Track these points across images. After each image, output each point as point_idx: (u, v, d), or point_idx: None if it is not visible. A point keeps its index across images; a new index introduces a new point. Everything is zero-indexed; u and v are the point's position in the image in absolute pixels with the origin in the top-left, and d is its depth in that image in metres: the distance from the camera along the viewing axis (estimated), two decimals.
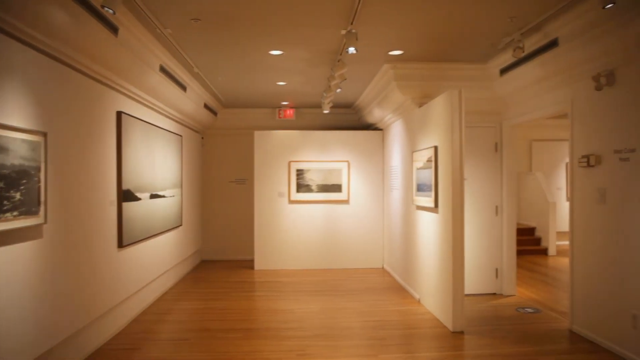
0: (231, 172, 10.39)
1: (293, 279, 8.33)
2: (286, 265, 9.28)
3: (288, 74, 7.13)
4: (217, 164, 10.37)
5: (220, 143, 10.38)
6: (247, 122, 10.24)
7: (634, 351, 4.38)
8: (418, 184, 6.63)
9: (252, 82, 7.67)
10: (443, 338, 5.18)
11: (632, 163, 4.41)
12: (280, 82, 7.72)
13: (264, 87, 8.04)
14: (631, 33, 4.11)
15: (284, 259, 9.29)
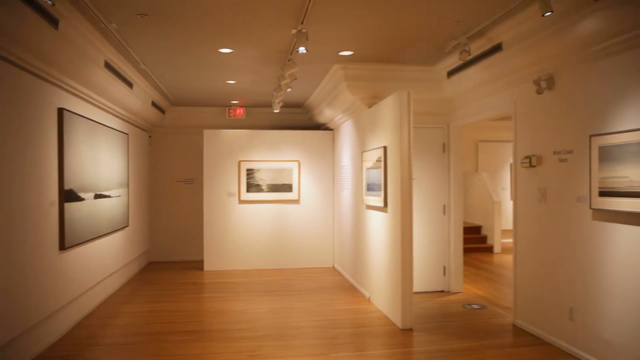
0: (180, 171, 10.19)
1: (243, 280, 8.25)
2: (236, 266, 9.18)
3: (238, 72, 7.06)
4: (165, 163, 10.14)
5: (169, 142, 10.16)
6: (197, 121, 10.07)
7: (571, 342, 4.58)
8: (368, 184, 6.70)
9: (202, 80, 7.54)
10: (392, 336, 5.25)
11: (570, 164, 4.61)
12: (230, 81, 7.62)
13: (213, 85, 7.93)
14: (568, 40, 4.28)
15: (234, 260, 9.19)
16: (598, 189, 4.19)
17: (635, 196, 3.79)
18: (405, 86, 6.41)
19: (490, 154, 12.61)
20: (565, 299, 4.68)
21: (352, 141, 7.87)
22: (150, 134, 9.92)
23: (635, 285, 3.85)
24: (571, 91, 4.59)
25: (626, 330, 3.94)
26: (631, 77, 3.88)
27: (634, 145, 3.80)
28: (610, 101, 4.10)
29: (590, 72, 4.34)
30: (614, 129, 4.04)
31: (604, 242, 4.19)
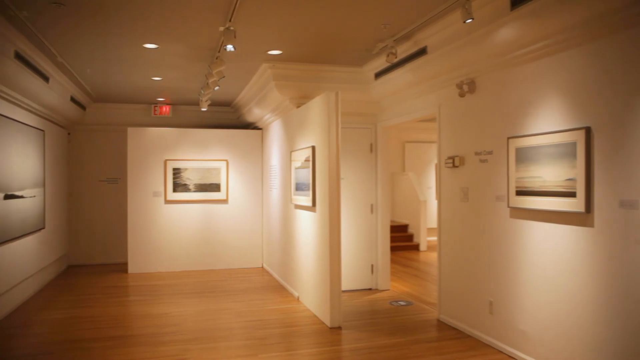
0: (103, 170, 9.75)
1: (170, 282, 8.02)
2: (163, 268, 8.91)
3: (164, 69, 6.84)
4: (87, 162, 9.66)
5: (91, 140, 9.69)
6: (120, 118, 9.67)
7: (491, 334, 4.80)
8: (296, 183, 6.70)
9: (125, 76, 7.25)
10: (321, 334, 5.28)
11: (490, 164, 4.82)
12: (155, 78, 7.38)
13: (138, 81, 7.64)
14: (487, 46, 4.48)
15: (160, 261, 8.91)
16: (515, 189, 4.40)
17: (548, 195, 4.02)
18: (333, 87, 6.47)
19: (417, 154, 12.97)
20: (485, 294, 4.89)
21: (281, 141, 7.84)
22: (69, 131, 9.43)
23: (548, 279, 4.08)
24: (491, 95, 4.80)
25: (540, 320, 4.17)
26: (544, 83, 4.11)
27: (546, 147, 4.03)
28: (526, 105, 4.32)
29: (507, 78, 4.55)
30: (529, 131, 4.27)
31: (520, 238, 4.41)
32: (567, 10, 3.60)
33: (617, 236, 3.45)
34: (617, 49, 3.45)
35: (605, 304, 3.55)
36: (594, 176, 3.63)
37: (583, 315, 3.74)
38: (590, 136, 3.65)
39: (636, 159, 3.30)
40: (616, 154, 3.46)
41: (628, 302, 3.37)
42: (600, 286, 3.59)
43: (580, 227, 3.76)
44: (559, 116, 3.95)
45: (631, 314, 3.35)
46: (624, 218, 3.39)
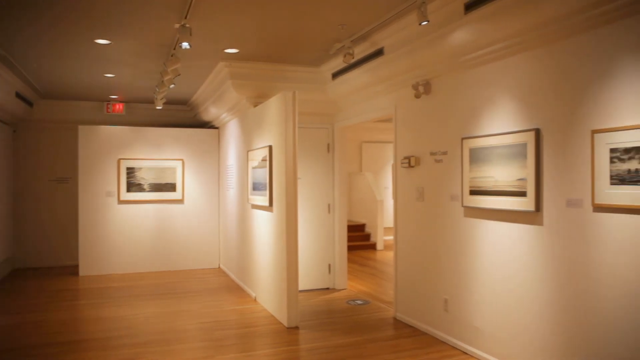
0: (52, 169, 9.41)
1: (124, 284, 7.82)
2: (116, 270, 8.68)
3: (117, 65, 6.66)
4: (34, 161, 9.30)
5: (39, 137, 9.33)
6: (71, 116, 9.36)
7: (446, 331, 4.89)
8: (254, 183, 6.65)
9: (76, 72, 7.01)
10: (278, 334, 5.26)
11: (444, 164, 4.91)
12: (108, 74, 7.18)
13: (89, 78, 7.41)
14: (442, 49, 4.56)
15: (113, 263, 8.68)
16: (469, 188, 4.50)
17: (500, 194, 4.13)
18: (291, 86, 6.45)
19: (374, 154, 13.11)
20: (440, 292, 4.98)
21: (238, 140, 7.77)
22: (14, 129, 9.06)
23: (501, 276, 4.19)
24: (446, 96, 4.89)
25: (493, 317, 4.28)
26: (497, 85, 4.22)
27: (499, 148, 4.14)
28: (480, 107, 4.42)
29: (462, 80, 4.65)
30: (482, 132, 4.37)
31: (474, 237, 4.52)
32: (517, 16, 3.71)
33: (564, 234, 3.58)
34: (564, 54, 3.58)
35: (554, 299, 3.68)
36: (543, 176, 3.76)
37: (534, 311, 3.86)
38: (540, 137, 3.77)
39: (581, 160, 3.43)
40: (563, 155, 3.58)
41: (575, 297, 3.50)
42: (549, 282, 3.71)
43: (531, 226, 3.88)
44: (511, 118, 4.07)
45: (578, 310, 3.48)
46: (571, 216, 3.52)
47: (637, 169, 3.02)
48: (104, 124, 9.18)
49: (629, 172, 3.07)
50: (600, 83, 3.30)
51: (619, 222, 3.17)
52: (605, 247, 3.26)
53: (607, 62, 3.26)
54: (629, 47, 3.11)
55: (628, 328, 3.12)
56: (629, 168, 3.08)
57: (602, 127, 3.27)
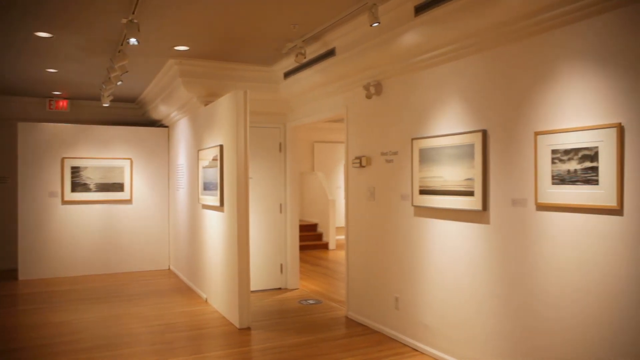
0: None
1: (68, 288, 7.53)
2: (60, 273, 8.36)
3: (60, 60, 6.40)
4: None
5: None
6: (9, 112, 8.93)
7: (397, 329, 4.97)
8: (204, 183, 6.56)
9: (14, 65, 6.69)
10: (230, 335, 5.20)
11: (395, 164, 4.98)
12: (50, 69, 6.89)
13: (29, 72, 7.10)
14: (393, 50, 4.63)
15: (57, 266, 8.35)
16: (419, 188, 4.59)
17: (449, 194, 4.23)
18: (242, 85, 6.41)
19: (326, 154, 13.17)
20: (391, 290, 5.05)
21: (188, 139, 7.64)
22: None
23: (450, 274, 4.29)
24: (396, 97, 4.97)
25: (442, 314, 4.38)
26: (446, 87, 4.32)
27: (447, 148, 4.24)
28: (429, 108, 4.51)
29: (412, 81, 4.74)
30: (431, 133, 4.46)
31: (424, 236, 4.60)
32: (464, 20, 3.80)
33: (510, 232, 3.70)
34: (509, 58, 3.70)
35: (500, 296, 3.80)
36: (490, 176, 3.87)
37: (481, 307, 3.97)
38: (487, 138, 3.89)
39: (525, 161, 3.55)
40: (508, 155, 3.71)
41: (520, 294, 3.62)
42: (495, 280, 3.83)
43: (478, 225, 3.99)
44: (459, 119, 4.17)
45: (523, 306, 3.60)
46: (516, 215, 3.65)
47: (576, 169, 3.16)
48: (47, 121, 8.81)
49: (569, 172, 3.21)
50: (542, 86, 3.43)
51: (560, 220, 3.30)
52: (548, 244, 3.40)
53: (549, 66, 3.39)
54: (569, 53, 3.25)
55: (570, 322, 3.25)
56: (568, 168, 3.21)
57: (544, 129, 3.40)
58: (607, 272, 3.01)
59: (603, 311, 3.04)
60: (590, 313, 3.12)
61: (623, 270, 2.93)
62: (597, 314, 3.07)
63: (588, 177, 3.10)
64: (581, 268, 3.17)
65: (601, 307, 3.05)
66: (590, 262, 3.11)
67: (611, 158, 2.97)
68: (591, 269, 3.10)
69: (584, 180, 3.12)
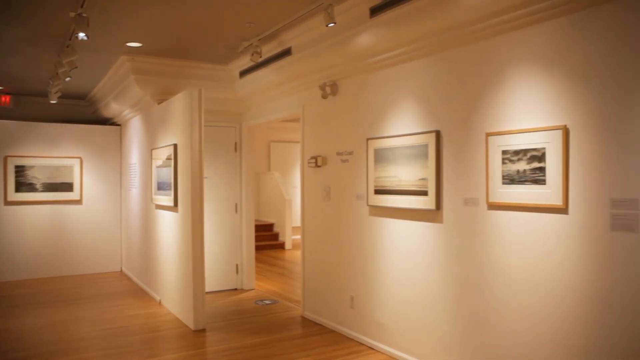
0: None
1: (13, 292, 7.23)
2: (5, 277, 8.01)
3: (3, 54, 6.12)
4: None
5: None
6: None
7: (353, 327, 5.00)
8: (158, 183, 6.43)
9: None
10: (185, 338, 5.12)
11: (350, 164, 5.02)
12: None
13: None
14: (348, 51, 4.66)
15: (1, 270, 7.99)
16: (374, 188, 4.63)
17: (404, 194, 4.29)
18: (197, 83, 6.32)
19: (282, 154, 13.14)
20: (347, 289, 5.09)
21: (141, 138, 7.46)
22: None
23: (404, 273, 4.35)
24: (352, 97, 5.00)
25: (397, 312, 4.44)
26: (401, 88, 4.38)
27: (402, 148, 4.30)
28: (384, 108, 4.56)
29: (367, 81, 4.78)
30: (386, 133, 4.52)
31: (379, 235, 4.65)
32: (418, 22, 3.87)
33: (462, 231, 3.79)
34: (461, 60, 3.79)
35: (453, 294, 3.88)
36: (443, 176, 3.95)
37: (435, 305, 4.05)
38: (440, 139, 3.96)
39: (477, 161, 3.64)
40: (461, 156, 3.79)
41: (471, 291, 3.71)
42: (448, 278, 3.91)
43: (432, 224, 4.06)
44: (414, 120, 4.24)
45: (474, 303, 3.69)
46: (468, 214, 3.73)
47: (525, 169, 3.26)
48: None
49: (518, 173, 3.31)
50: (493, 89, 3.52)
51: (510, 219, 3.40)
52: (499, 243, 3.49)
53: (499, 69, 3.48)
54: (518, 57, 3.35)
55: (518, 319, 3.36)
56: (518, 169, 3.32)
57: (495, 131, 3.49)
58: (554, 269, 3.13)
59: (550, 308, 3.15)
60: (537, 310, 3.22)
61: (569, 267, 3.04)
62: (545, 311, 3.18)
63: (536, 177, 3.21)
64: (530, 265, 3.27)
65: (548, 304, 3.16)
66: (538, 260, 3.22)
67: (557, 159, 3.08)
68: (539, 266, 3.21)
69: (532, 180, 3.23)
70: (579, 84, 2.99)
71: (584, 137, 2.96)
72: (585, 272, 2.95)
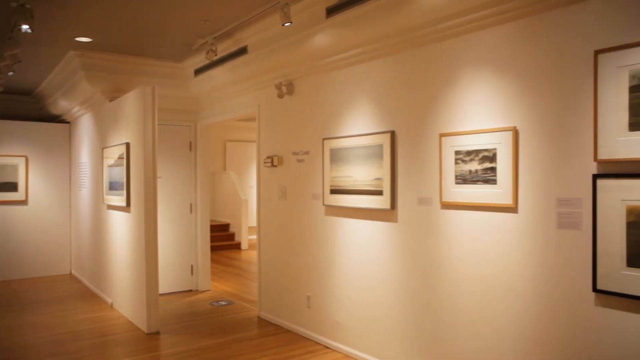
0: None
1: None
2: None
3: None
4: None
5: None
6: None
7: (309, 327, 5.01)
8: (110, 182, 6.25)
9: None
10: (138, 341, 5.00)
11: (306, 164, 5.02)
12: None
13: None
14: (304, 50, 4.66)
15: None
16: (329, 187, 4.65)
17: (359, 193, 4.33)
18: (151, 81, 6.19)
19: (238, 153, 13.02)
20: (303, 289, 5.09)
21: (91, 136, 7.24)
22: None
23: (360, 272, 4.39)
24: (308, 97, 5.00)
25: (353, 311, 4.47)
26: (356, 88, 4.40)
27: (357, 148, 4.33)
28: (340, 108, 4.59)
29: (324, 81, 4.79)
30: (342, 133, 4.54)
31: (335, 234, 4.67)
32: (373, 24, 3.90)
33: (416, 230, 3.85)
34: (415, 62, 3.84)
35: (408, 292, 3.94)
36: (398, 176, 4.00)
37: (390, 304, 4.10)
38: (395, 139, 4.02)
39: (431, 161, 3.71)
40: (415, 156, 3.85)
41: (426, 290, 3.78)
42: (403, 277, 3.97)
43: (387, 223, 4.11)
44: (369, 120, 4.27)
45: (428, 301, 3.76)
46: (422, 214, 3.80)
47: (477, 169, 3.35)
48: None
49: (470, 173, 3.39)
50: (446, 90, 3.60)
51: (463, 218, 3.48)
52: (452, 242, 3.57)
53: (453, 71, 3.56)
54: (471, 59, 3.43)
55: (469, 312, 3.44)
56: (470, 169, 3.40)
57: (448, 131, 3.56)
58: (505, 266, 3.22)
59: (502, 302, 3.24)
60: (489, 305, 3.31)
61: (519, 264, 3.14)
62: (496, 306, 3.27)
63: (487, 177, 3.29)
64: (482, 263, 3.36)
65: (500, 299, 3.25)
66: (490, 257, 3.31)
67: (507, 159, 3.17)
68: (491, 263, 3.30)
69: (484, 180, 3.31)
70: (527, 87, 3.09)
71: (532, 139, 3.06)
72: (534, 268, 3.05)
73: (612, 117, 2.63)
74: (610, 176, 2.66)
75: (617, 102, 2.61)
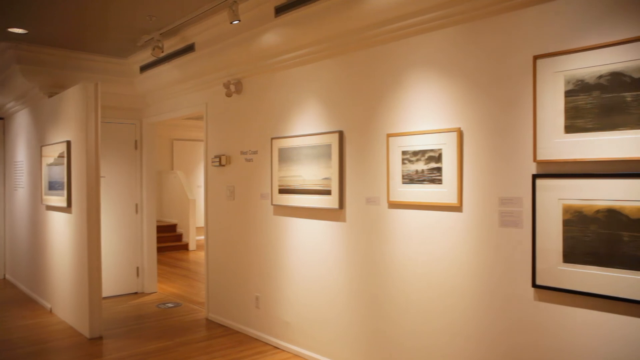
0: None
1: None
2: None
3: None
4: None
5: None
6: None
7: (258, 328, 4.98)
8: (49, 182, 6.00)
9: None
10: (79, 347, 4.82)
11: (255, 163, 4.98)
12: None
13: None
14: (253, 49, 4.62)
15: None
16: (278, 187, 4.64)
17: (308, 193, 4.33)
18: (93, 77, 5.99)
19: (186, 152, 12.78)
20: (252, 289, 5.05)
21: (29, 133, 6.92)
22: None
23: (308, 271, 4.39)
24: (257, 96, 4.96)
25: (302, 311, 4.47)
26: (305, 88, 4.41)
27: (306, 148, 4.33)
28: (289, 108, 4.58)
29: (272, 81, 4.77)
30: (290, 133, 4.53)
31: (283, 234, 4.66)
32: (321, 24, 3.92)
33: (364, 229, 3.89)
34: (363, 63, 3.88)
35: (355, 291, 3.97)
36: (346, 175, 4.03)
37: (339, 303, 4.12)
38: (343, 139, 4.04)
39: (379, 161, 3.76)
40: (363, 156, 3.89)
41: (374, 289, 3.82)
42: (352, 276, 4.00)
43: (335, 222, 4.13)
44: (318, 120, 4.28)
45: (376, 300, 3.81)
46: (370, 213, 3.84)
47: (423, 169, 3.41)
48: None
49: (417, 172, 3.46)
50: (394, 91, 3.65)
51: (410, 217, 3.55)
52: (400, 240, 3.63)
53: (400, 72, 3.61)
54: (417, 61, 3.50)
55: (416, 310, 3.51)
56: (416, 169, 3.46)
57: (395, 132, 3.62)
58: (451, 264, 3.30)
59: (447, 299, 3.32)
60: (435, 302, 3.39)
61: (463, 261, 3.23)
62: (442, 303, 3.35)
63: (433, 177, 3.36)
64: (429, 262, 3.43)
65: (445, 296, 3.33)
66: (436, 256, 3.38)
67: (452, 160, 3.25)
68: (438, 262, 3.38)
69: (430, 180, 3.38)
70: (472, 89, 3.17)
71: (476, 140, 3.15)
72: (478, 266, 3.15)
73: (550, 119, 2.75)
74: (548, 176, 2.78)
75: (554, 106, 2.73)
